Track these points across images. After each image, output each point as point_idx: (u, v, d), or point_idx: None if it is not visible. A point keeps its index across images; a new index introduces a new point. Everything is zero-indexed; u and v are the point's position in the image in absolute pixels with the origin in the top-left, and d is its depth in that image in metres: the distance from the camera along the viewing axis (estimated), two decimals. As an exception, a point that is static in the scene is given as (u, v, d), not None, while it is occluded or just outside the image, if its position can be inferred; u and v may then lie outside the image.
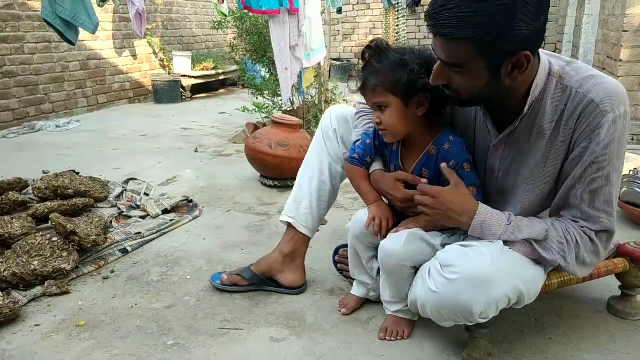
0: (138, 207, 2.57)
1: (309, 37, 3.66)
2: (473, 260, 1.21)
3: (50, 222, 2.00)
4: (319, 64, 4.24)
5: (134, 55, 6.27)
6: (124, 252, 2.09)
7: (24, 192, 2.61)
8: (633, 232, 2.23)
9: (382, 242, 1.42)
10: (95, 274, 1.93)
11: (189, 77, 6.55)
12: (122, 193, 2.74)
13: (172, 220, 2.40)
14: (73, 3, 3.09)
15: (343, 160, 1.63)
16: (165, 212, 2.49)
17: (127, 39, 6.07)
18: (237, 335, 1.53)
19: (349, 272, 1.69)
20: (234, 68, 6.86)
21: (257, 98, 4.31)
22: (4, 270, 1.76)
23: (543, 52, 1.22)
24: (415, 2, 8.04)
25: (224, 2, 4.51)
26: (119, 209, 2.51)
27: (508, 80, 1.14)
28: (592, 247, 1.25)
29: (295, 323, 1.59)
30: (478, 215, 1.26)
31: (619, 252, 1.57)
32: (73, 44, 3.27)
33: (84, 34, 4.27)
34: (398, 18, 7.29)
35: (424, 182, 1.38)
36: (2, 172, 3.08)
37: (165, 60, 6.75)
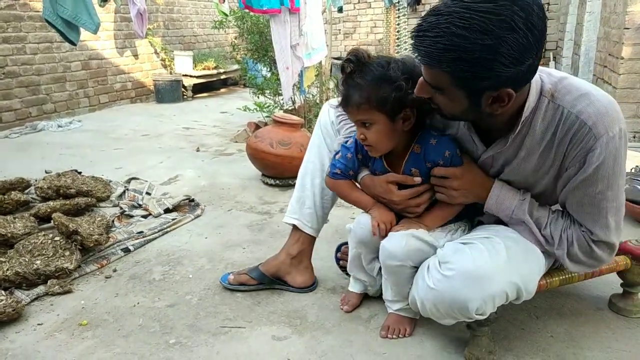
0: (140, 206, 2.58)
1: (310, 36, 3.65)
2: (468, 257, 1.22)
3: (53, 221, 2.01)
4: (320, 63, 4.24)
5: (136, 55, 6.27)
6: (126, 251, 2.10)
7: (27, 191, 2.62)
8: (635, 229, 2.23)
9: (383, 242, 1.41)
10: (98, 273, 1.93)
11: (191, 76, 6.56)
12: (124, 192, 2.75)
13: (174, 219, 2.40)
14: (74, 3, 3.09)
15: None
16: (167, 211, 2.50)
17: (128, 39, 6.08)
18: (239, 334, 1.53)
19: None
20: (235, 67, 6.87)
21: (258, 97, 4.32)
22: (7, 270, 1.77)
23: None
24: (416, 0, 8.02)
25: (225, 1, 4.50)
26: (121, 208, 2.52)
27: (489, 110, 1.11)
28: (589, 251, 1.26)
29: (297, 321, 1.59)
30: (495, 189, 1.29)
31: (621, 249, 1.56)
32: (74, 44, 3.28)
33: (86, 34, 4.29)
34: (399, 17, 7.29)
35: (418, 180, 1.37)
36: (4, 172, 3.09)
37: (167, 60, 6.76)
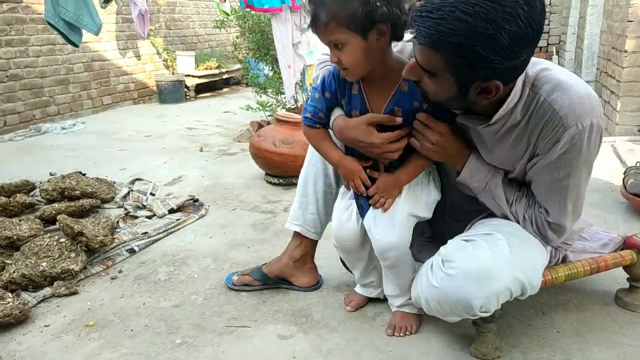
0: (144, 207, 2.58)
1: (312, 34, 3.65)
2: (471, 255, 1.22)
3: (58, 223, 2.01)
4: (322, 61, 4.23)
5: (138, 56, 6.28)
6: (131, 252, 2.10)
7: (32, 194, 2.63)
8: (640, 223, 2.22)
9: (375, 236, 1.40)
10: (103, 274, 1.94)
11: (193, 76, 6.56)
12: (128, 193, 2.76)
13: (178, 220, 2.41)
14: (76, 5, 3.10)
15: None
16: (172, 211, 2.50)
17: (130, 40, 6.09)
18: (244, 333, 1.54)
19: None
20: (237, 67, 6.87)
21: (260, 96, 4.32)
22: (13, 272, 1.78)
23: None
24: (419, -3, 7.99)
25: (226, 0, 4.51)
26: (126, 209, 2.53)
27: (475, 99, 1.13)
28: (543, 231, 1.29)
29: (302, 320, 1.60)
30: (469, 163, 1.31)
31: (627, 244, 1.56)
32: (77, 46, 3.29)
33: (88, 36, 4.29)
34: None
35: (399, 120, 1.29)
36: (9, 174, 3.10)
37: (169, 60, 6.76)
